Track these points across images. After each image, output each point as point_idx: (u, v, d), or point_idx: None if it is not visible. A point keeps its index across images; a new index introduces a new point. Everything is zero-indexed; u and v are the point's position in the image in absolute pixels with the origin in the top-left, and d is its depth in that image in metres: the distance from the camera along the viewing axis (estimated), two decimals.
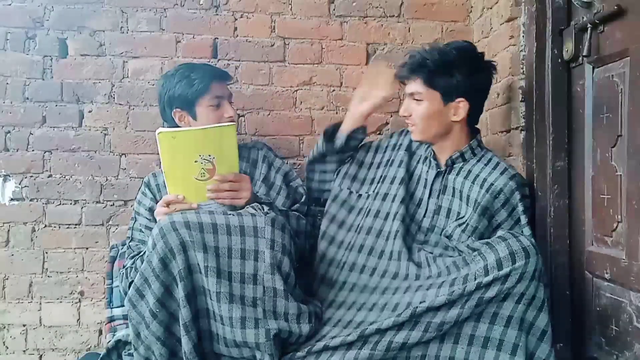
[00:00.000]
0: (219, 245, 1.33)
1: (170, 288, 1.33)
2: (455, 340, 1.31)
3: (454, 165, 1.61)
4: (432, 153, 1.65)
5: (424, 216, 1.62)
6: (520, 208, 1.51)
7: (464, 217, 1.53)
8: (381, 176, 1.72)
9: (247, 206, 1.49)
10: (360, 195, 1.72)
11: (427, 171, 1.66)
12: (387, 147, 1.78)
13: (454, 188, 1.59)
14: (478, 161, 1.59)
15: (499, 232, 1.40)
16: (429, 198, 1.62)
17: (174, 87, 1.63)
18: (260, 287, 1.34)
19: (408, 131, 1.73)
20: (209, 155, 1.44)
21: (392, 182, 1.67)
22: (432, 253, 1.53)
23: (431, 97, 1.54)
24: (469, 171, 1.58)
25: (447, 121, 1.57)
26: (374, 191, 1.70)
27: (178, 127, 1.65)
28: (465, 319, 1.30)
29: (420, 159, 1.71)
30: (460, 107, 1.55)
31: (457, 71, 1.52)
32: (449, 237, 1.53)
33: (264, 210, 1.42)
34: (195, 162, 1.43)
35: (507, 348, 1.28)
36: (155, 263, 1.31)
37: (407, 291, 1.44)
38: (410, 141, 1.72)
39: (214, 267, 1.31)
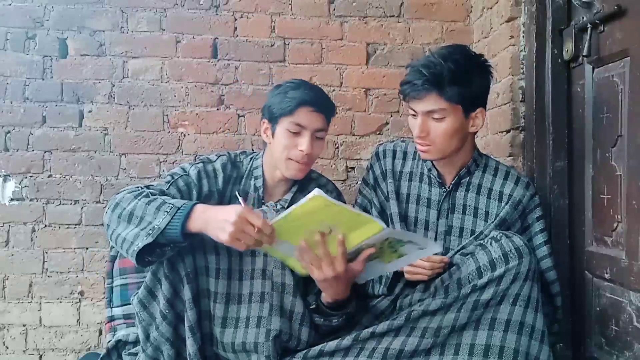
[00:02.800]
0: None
1: (177, 289, 1.33)
2: (456, 351, 1.28)
3: (461, 181, 1.49)
4: (434, 169, 1.51)
5: (435, 239, 1.50)
6: (535, 215, 1.47)
7: (479, 233, 1.46)
8: (407, 194, 1.57)
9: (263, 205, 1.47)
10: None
11: (430, 190, 1.52)
12: (375, 180, 1.59)
13: (464, 205, 1.49)
14: (483, 172, 1.50)
15: (493, 233, 1.38)
16: (437, 219, 1.51)
17: (272, 97, 1.49)
18: (269, 281, 1.34)
19: (385, 149, 1.59)
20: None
21: (418, 204, 1.54)
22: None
23: (454, 112, 1.37)
24: (479, 185, 1.49)
25: (465, 134, 1.43)
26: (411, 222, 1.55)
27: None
28: (463, 325, 1.28)
29: (410, 176, 1.55)
30: (479, 117, 1.42)
31: (473, 79, 1.39)
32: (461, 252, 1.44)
33: (276, 207, 1.42)
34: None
35: (509, 355, 1.25)
36: (165, 263, 1.32)
37: None
38: (393, 162, 1.57)
39: (225, 269, 1.33)
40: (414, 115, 1.42)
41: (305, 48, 2.08)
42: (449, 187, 1.50)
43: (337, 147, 2.09)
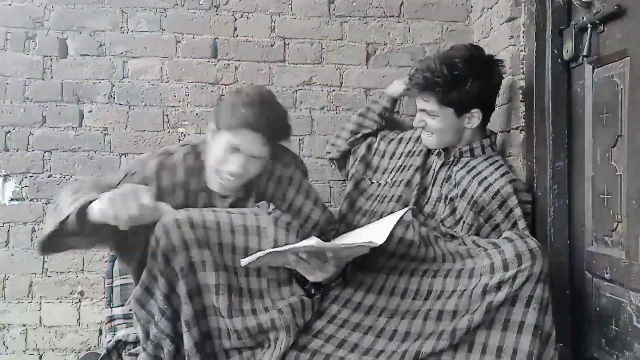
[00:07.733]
0: (222, 242, 1.34)
1: (173, 284, 1.33)
2: (469, 349, 1.28)
3: (461, 159, 1.63)
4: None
5: (427, 203, 1.63)
6: (517, 212, 1.51)
7: (456, 208, 1.57)
8: (401, 165, 1.74)
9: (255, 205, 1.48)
10: (379, 185, 1.75)
11: (436, 161, 1.68)
12: (410, 139, 1.79)
13: (456, 179, 1.61)
14: (485, 160, 1.62)
15: (506, 233, 1.39)
16: (432, 186, 1.64)
17: (226, 102, 1.43)
18: (265, 279, 1.36)
19: (384, 134, 1.83)
20: None
21: (408, 170, 1.70)
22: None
23: (445, 113, 1.56)
24: (473, 167, 1.60)
25: (461, 129, 1.61)
26: (391, 179, 1.73)
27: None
28: (477, 326, 1.28)
29: (409, 153, 1.75)
30: (474, 117, 1.58)
31: (470, 83, 1.51)
32: (442, 221, 1.57)
33: (268, 208, 1.42)
34: None
35: (522, 357, 1.25)
36: (159, 259, 1.31)
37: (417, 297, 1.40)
38: (390, 142, 1.80)
39: (220, 263, 1.34)
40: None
41: (305, 48, 2.08)
42: (451, 159, 1.64)
43: None
